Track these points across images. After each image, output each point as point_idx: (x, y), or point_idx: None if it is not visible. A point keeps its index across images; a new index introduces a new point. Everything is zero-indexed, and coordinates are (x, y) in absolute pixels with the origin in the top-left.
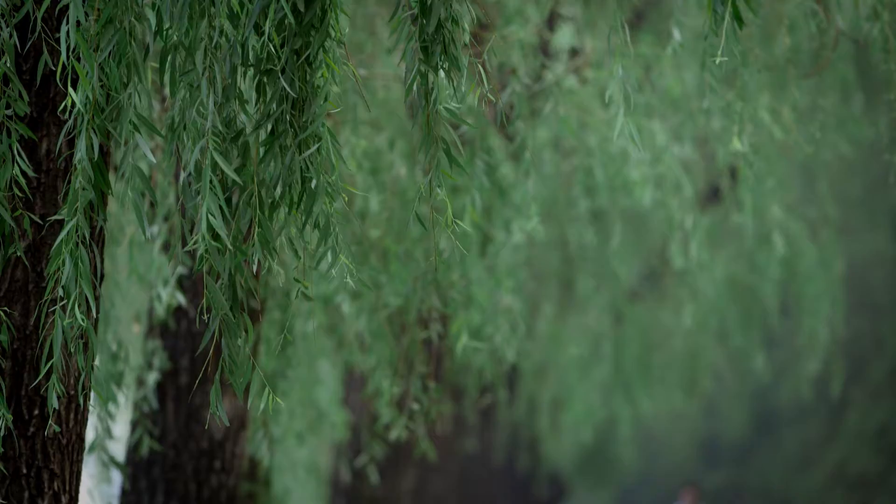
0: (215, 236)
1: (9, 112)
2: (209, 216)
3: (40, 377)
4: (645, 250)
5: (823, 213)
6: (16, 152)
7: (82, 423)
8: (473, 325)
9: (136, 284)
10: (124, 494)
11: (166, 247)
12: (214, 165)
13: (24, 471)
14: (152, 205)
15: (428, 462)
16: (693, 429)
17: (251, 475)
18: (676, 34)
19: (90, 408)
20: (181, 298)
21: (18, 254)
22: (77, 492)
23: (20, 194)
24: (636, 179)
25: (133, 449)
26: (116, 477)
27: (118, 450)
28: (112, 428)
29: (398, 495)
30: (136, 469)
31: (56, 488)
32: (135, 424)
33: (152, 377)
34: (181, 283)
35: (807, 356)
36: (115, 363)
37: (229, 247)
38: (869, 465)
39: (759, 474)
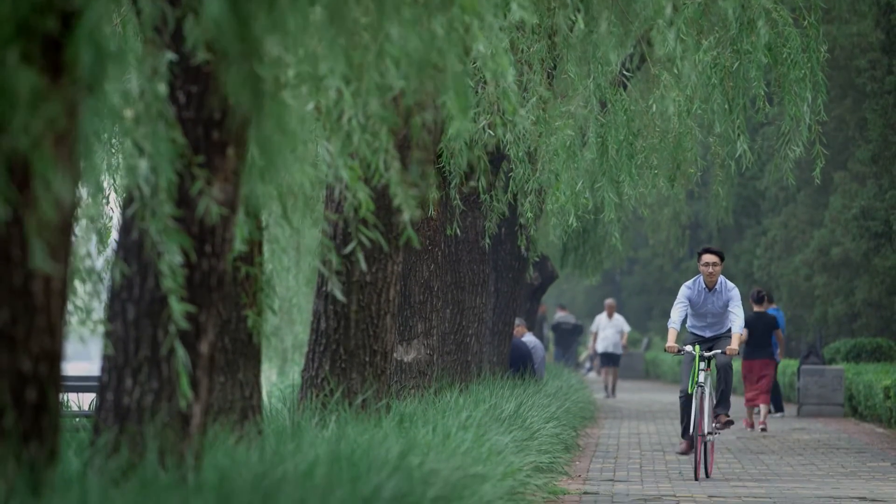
0: (219, 27)
1: None
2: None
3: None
4: (631, 37)
5: None
6: None
7: (73, 203)
8: (458, 110)
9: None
10: (114, 279)
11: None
12: None
13: (18, 252)
14: None
15: (415, 247)
16: (678, 213)
17: (249, 259)
18: None
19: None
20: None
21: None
22: (66, 275)
23: None
24: None
25: (125, 233)
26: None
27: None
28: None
29: (386, 280)
30: (127, 253)
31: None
32: (126, 209)
33: (143, 164)
34: (172, 72)
35: (790, 141)
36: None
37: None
38: (851, 249)
39: (743, 258)
